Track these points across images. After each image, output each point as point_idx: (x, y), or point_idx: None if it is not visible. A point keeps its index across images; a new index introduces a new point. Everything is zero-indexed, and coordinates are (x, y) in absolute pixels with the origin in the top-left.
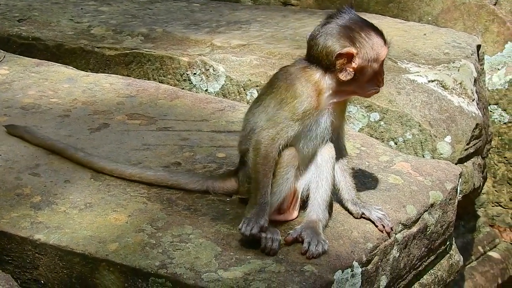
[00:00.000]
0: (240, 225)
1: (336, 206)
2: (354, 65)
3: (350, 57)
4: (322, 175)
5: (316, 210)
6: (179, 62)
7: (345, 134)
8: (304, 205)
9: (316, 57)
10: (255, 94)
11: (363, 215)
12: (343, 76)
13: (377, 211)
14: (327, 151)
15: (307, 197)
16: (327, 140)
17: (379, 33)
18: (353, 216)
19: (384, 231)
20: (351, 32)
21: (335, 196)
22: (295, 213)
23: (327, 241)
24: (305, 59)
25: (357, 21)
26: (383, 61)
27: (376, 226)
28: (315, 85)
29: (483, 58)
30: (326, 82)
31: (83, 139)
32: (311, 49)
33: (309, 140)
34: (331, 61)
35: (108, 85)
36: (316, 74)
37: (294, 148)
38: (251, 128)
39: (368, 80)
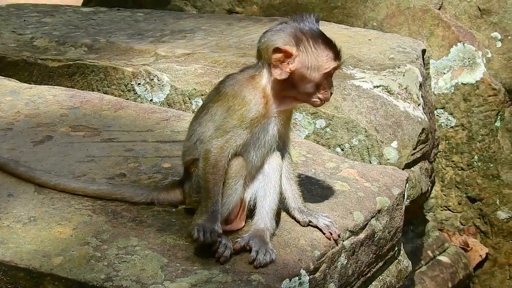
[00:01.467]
0: (194, 232)
1: (283, 214)
2: (290, 66)
3: (288, 55)
4: (269, 184)
5: (263, 219)
6: (123, 72)
7: (290, 142)
8: (251, 213)
9: (260, 53)
10: (201, 103)
11: (310, 223)
12: (277, 74)
13: (324, 218)
14: (274, 160)
15: (254, 205)
16: (274, 149)
17: (331, 46)
18: (300, 224)
19: (331, 239)
20: (301, 35)
21: (282, 205)
22: (242, 223)
23: (274, 251)
24: (252, 66)
25: (311, 29)
26: (327, 74)
27: (324, 234)
28: (262, 92)
29: (429, 63)
30: (271, 87)
31: (26, 152)
32: (258, 46)
33: (257, 148)
34: (269, 55)
35: (51, 97)
36: (263, 80)
37: (242, 158)
38: (198, 138)
39: (309, 89)
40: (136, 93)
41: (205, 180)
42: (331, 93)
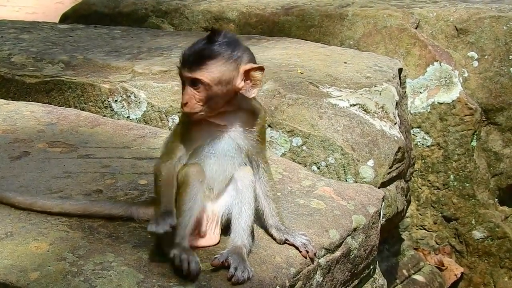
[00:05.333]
0: (149, 226)
1: (259, 231)
2: None
3: None
4: (244, 200)
5: (240, 236)
6: (100, 89)
7: (266, 159)
8: (226, 230)
9: None
10: (177, 120)
11: (286, 241)
12: None
13: (301, 237)
14: (247, 176)
15: (229, 222)
16: (240, 162)
17: (182, 54)
18: (277, 242)
19: (307, 257)
20: None
21: (259, 222)
22: (216, 238)
23: (252, 268)
24: None
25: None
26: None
27: (300, 252)
28: None
29: (405, 82)
30: None
31: (3, 167)
32: None
33: (211, 158)
34: None
35: (28, 113)
36: None
37: (199, 165)
38: None
39: None
40: (113, 109)
41: (156, 186)
42: (182, 101)
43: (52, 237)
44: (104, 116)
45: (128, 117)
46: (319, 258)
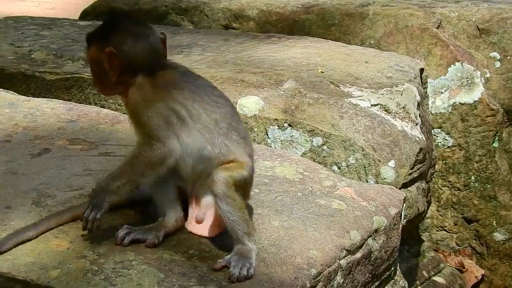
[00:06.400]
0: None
1: (280, 231)
2: None
3: None
4: (226, 201)
5: (242, 241)
6: None
7: (139, 141)
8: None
9: None
10: None
11: None
12: None
13: None
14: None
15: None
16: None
17: None
18: None
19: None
20: None
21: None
22: (211, 230)
23: (254, 266)
24: None
25: None
26: None
27: None
28: None
29: (426, 82)
30: None
31: (24, 164)
32: None
33: None
34: None
35: (49, 110)
36: None
37: None
38: None
39: None
40: None
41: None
42: None
43: (73, 235)
44: (124, 113)
45: None
46: (340, 260)
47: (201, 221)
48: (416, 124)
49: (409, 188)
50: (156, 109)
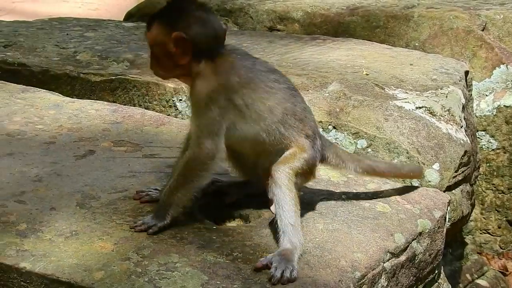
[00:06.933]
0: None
1: (324, 234)
2: None
3: None
4: (282, 195)
5: (288, 237)
6: (164, 88)
7: (196, 132)
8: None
9: None
10: None
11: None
12: None
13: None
14: (282, 168)
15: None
16: None
17: None
18: None
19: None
20: None
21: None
22: None
23: (296, 268)
24: None
25: None
26: None
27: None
28: None
29: (471, 84)
30: None
31: (68, 166)
32: None
33: None
34: None
35: (93, 112)
36: None
37: None
38: None
39: None
40: (177, 109)
41: None
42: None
43: (117, 236)
44: (169, 115)
45: None
46: (384, 262)
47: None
48: (461, 127)
49: (453, 191)
50: (216, 101)
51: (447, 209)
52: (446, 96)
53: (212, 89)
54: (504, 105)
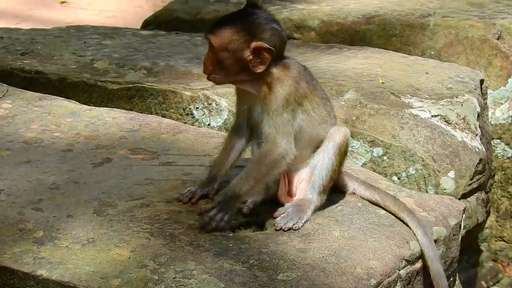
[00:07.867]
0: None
1: (340, 241)
2: None
3: None
4: (323, 159)
5: (310, 190)
6: (181, 96)
7: (278, 133)
8: None
9: None
10: None
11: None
12: None
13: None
14: (334, 136)
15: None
16: None
17: None
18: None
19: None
20: None
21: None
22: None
23: (304, 218)
24: None
25: None
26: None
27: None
28: None
29: (486, 93)
30: None
31: (85, 173)
32: None
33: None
34: None
35: (110, 119)
36: None
37: None
38: None
39: None
40: (194, 117)
41: None
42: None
43: (134, 244)
44: (185, 123)
45: (209, 124)
46: (399, 270)
47: (294, 195)
48: (476, 135)
49: (468, 199)
50: (290, 104)
51: (462, 217)
52: (462, 105)
53: (289, 92)
54: None
